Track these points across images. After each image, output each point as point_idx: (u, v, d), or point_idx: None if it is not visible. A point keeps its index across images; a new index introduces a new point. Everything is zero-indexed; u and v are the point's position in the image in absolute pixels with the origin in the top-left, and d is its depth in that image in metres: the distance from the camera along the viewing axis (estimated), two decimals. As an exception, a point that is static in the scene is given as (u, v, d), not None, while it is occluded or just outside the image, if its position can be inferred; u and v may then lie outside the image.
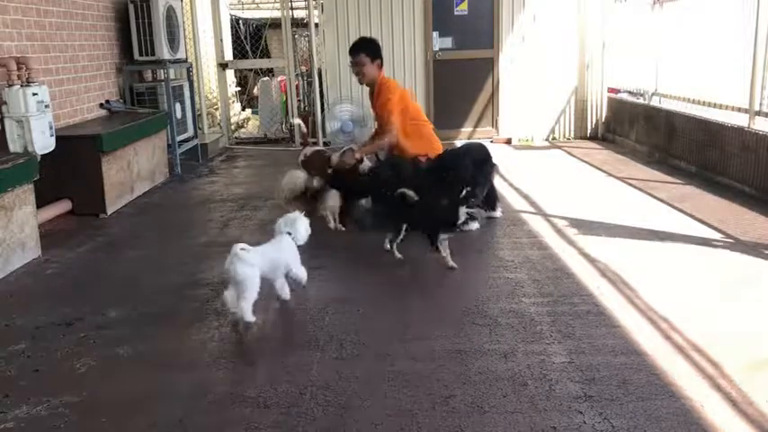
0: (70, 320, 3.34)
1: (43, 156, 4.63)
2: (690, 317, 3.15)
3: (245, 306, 3.14)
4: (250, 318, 3.16)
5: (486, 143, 8.25)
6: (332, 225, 4.75)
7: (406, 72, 8.49)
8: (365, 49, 5.05)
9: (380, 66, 5.14)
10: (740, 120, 5.59)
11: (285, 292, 3.46)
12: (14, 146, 4.51)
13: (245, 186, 6.46)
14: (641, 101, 7.57)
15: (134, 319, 3.35)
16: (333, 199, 4.72)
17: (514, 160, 7.36)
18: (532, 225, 4.78)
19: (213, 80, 9.86)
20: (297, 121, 5.84)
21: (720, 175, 5.76)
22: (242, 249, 3.12)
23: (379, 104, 5.01)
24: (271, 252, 3.35)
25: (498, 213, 4.96)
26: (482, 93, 8.59)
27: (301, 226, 3.49)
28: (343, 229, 4.73)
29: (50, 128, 4.69)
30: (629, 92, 8.13)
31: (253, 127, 10.68)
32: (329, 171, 4.81)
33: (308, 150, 5.30)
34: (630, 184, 5.95)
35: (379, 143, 4.92)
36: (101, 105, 6.49)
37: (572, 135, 8.62)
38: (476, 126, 8.69)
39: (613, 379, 2.62)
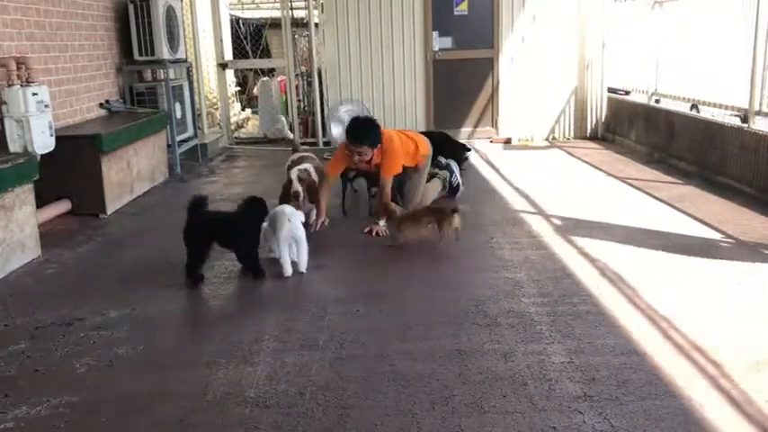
0: (70, 320, 3.34)
1: (43, 156, 4.62)
2: (690, 317, 3.16)
3: (306, 258, 3.82)
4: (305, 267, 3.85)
5: (487, 142, 8.31)
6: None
7: (406, 72, 8.50)
8: (367, 142, 4.72)
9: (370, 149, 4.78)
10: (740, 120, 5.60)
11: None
12: (14, 146, 4.51)
13: (245, 186, 6.46)
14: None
15: (134, 319, 3.35)
16: None
17: (514, 160, 7.36)
18: (532, 225, 4.78)
19: (213, 80, 9.85)
20: (290, 134, 5.87)
21: (720, 175, 5.76)
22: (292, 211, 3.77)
23: (383, 165, 4.80)
24: None
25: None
26: (482, 93, 8.59)
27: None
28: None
29: (50, 128, 4.69)
30: (626, 92, 8.14)
31: (253, 127, 10.68)
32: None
33: (296, 155, 5.25)
34: (630, 184, 5.95)
35: (386, 197, 4.76)
36: (101, 105, 6.49)
37: (572, 135, 8.62)
38: (476, 126, 8.70)
39: (613, 379, 2.62)
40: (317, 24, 8.89)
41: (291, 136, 5.86)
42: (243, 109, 11.47)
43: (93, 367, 2.87)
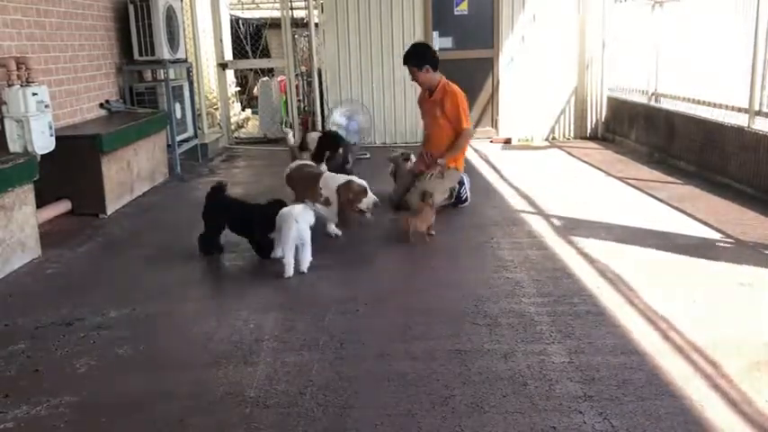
0: (70, 320, 3.34)
1: (43, 156, 4.62)
2: (689, 317, 3.16)
3: (309, 259, 3.87)
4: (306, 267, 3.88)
5: (487, 142, 8.31)
6: None
7: (406, 72, 8.46)
8: (410, 61, 5.20)
9: (432, 69, 5.20)
10: (740, 120, 5.59)
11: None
12: (14, 146, 4.51)
13: (244, 186, 6.46)
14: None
15: (134, 319, 3.35)
16: None
17: (514, 160, 7.36)
18: (532, 225, 4.78)
19: (213, 80, 9.86)
20: (288, 132, 5.71)
21: (720, 175, 5.76)
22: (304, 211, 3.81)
23: (449, 107, 5.08)
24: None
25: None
26: (482, 93, 8.58)
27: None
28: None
29: (50, 128, 4.69)
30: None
31: (253, 127, 10.68)
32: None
33: (294, 164, 4.98)
34: (630, 184, 5.95)
35: (459, 146, 5.10)
36: (101, 105, 6.49)
37: (572, 135, 8.62)
38: (475, 126, 8.66)
39: (613, 379, 2.62)
40: (317, 24, 8.88)
41: (291, 142, 5.69)
42: (243, 109, 11.47)
43: (93, 367, 2.87)
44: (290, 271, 3.80)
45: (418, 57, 5.18)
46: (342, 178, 4.44)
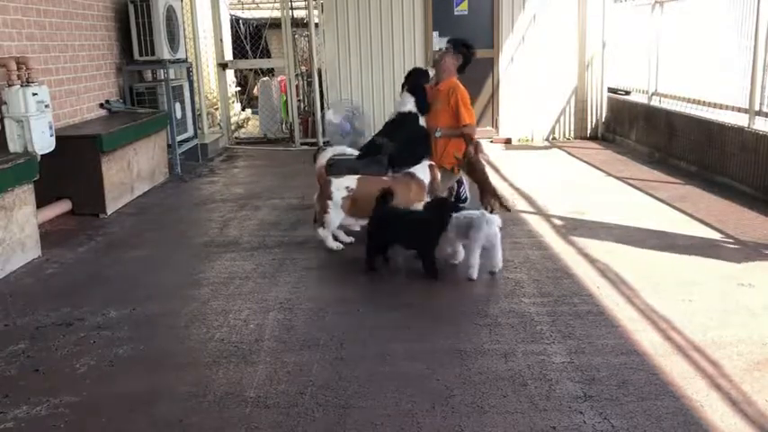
0: (70, 320, 3.34)
1: (43, 156, 4.62)
2: (690, 317, 3.16)
3: (500, 259, 3.80)
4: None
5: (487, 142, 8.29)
6: None
7: (407, 72, 8.47)
8: (450, 41, 5.35)
9: (458, 58, 5.22)
10: (740, 120, 5.59)
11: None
12: (14, 146, 4.51)
13: (244, 186, 6.46)
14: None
15: (134, 319, 3.35)
16: None
17: (514, 160, 7.36)
18: (532, 225, 4.78)
19: (213, 80, 9.85)
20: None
21: (720, 175, 5.76)
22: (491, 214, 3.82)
23: (453, 102, 5.12)
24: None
25: None
26: (482, 93, 8.58)
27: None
28: None
29: (50, 128, 4.69)
30: (626, 92, 8.13)
31: (253, 127, 10.68)
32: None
33: (352, 179, 4.28)
34: (630, 184, 5.95)
35: (458, 132, 5.16)
36: (101, 105, 6.49)
37: (572, 135, 8.61)
38: (476, 126, 8.67)
39: (613, 379, 2.62)
40: (317, 24, 8.88)
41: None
42: (243, 109, 11.47)
43: (93, 367, 2.87)
44: (475, 273, 3.72)
45: (457, 41, 5.29)
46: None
